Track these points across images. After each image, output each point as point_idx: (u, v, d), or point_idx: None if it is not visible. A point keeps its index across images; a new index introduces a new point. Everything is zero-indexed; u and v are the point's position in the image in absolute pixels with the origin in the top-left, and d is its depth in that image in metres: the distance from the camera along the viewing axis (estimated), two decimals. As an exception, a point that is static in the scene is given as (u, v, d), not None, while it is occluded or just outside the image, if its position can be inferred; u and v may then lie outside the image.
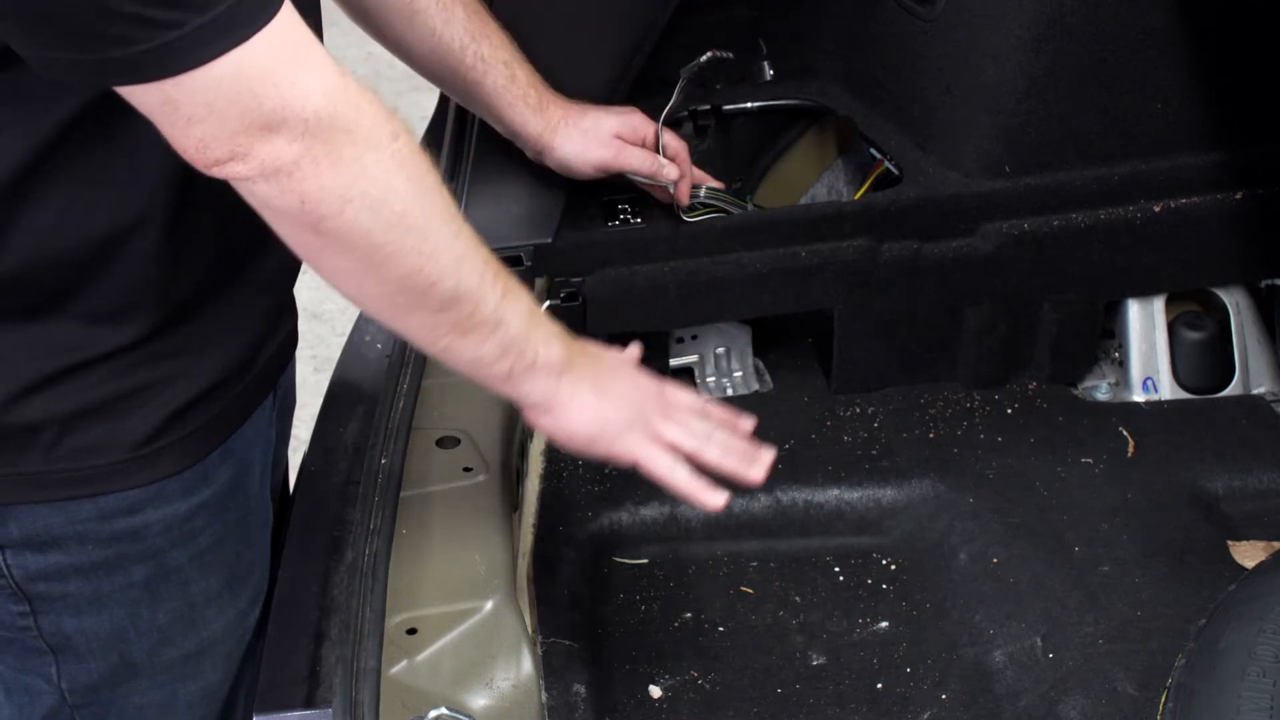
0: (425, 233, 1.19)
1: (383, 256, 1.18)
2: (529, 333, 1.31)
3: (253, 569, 1.49)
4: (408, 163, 1.18)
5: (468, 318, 1.25)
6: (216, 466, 1.38)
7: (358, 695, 1.28)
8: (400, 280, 1.20)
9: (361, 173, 1.14)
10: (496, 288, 1.27)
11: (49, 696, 1.41)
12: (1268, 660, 1.35)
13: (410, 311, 1.25)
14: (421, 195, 1.19)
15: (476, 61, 1.67)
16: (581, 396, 1.36)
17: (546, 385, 1.34)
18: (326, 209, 1.14)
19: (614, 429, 1.38)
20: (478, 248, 1.25)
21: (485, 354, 1.29)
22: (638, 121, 1.80)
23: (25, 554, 1.32)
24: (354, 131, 1.13)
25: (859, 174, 2.10)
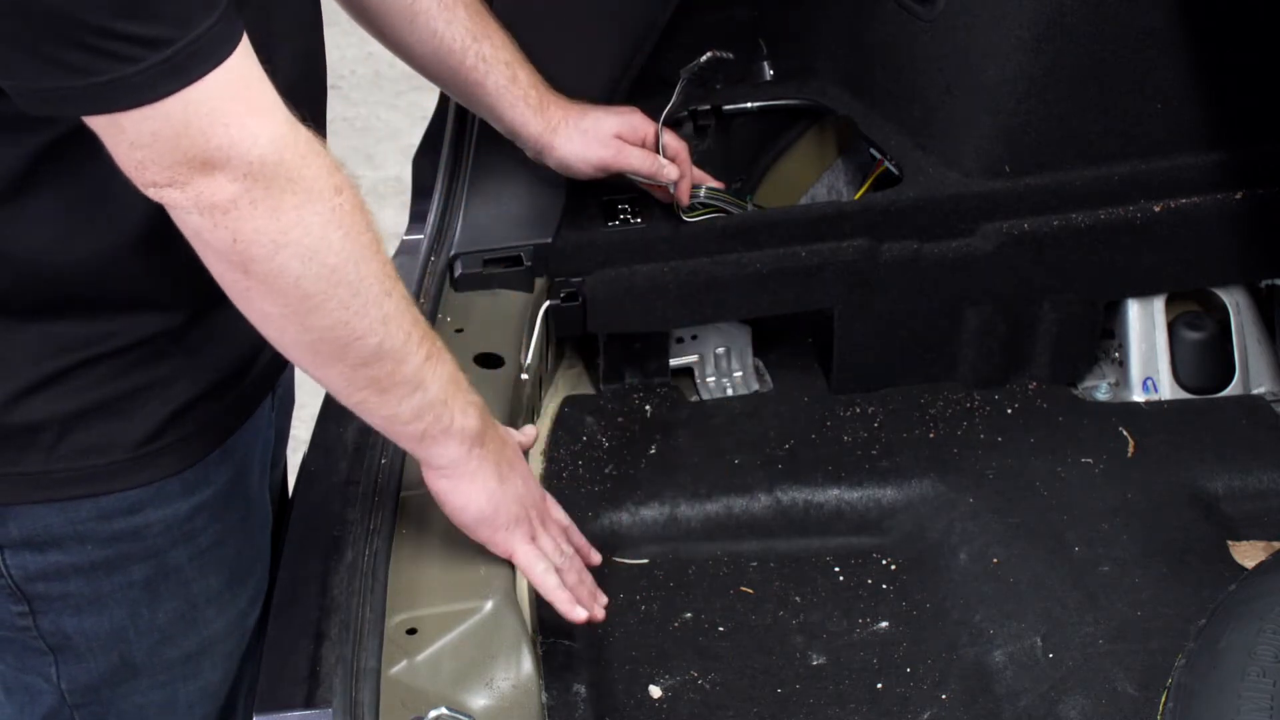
0: (355, 288, 1.19)
1: (310, 306, 1.18)
2: (448, 398, 1.31)
3: (253, 568, 1.49)
4: (347, 219, 1.18)
5: (388, 375, 1.26)
6: (216, 466, 1.39)
7: (358, 695, 1.28)
8: (324, 331, 1.20)
9: (298, 222, 1.14)
10: (421, 350, 1.27)
11: (49, 696, 1.41)
12: (1268, 660, 1.35)
13: (330, 363, 1.24)
14: (356, 252, 1.18)
15: (478, 62, 1.67)
16: (484, 475, 1.37)
17: (456, 452, 1.35)
18: (258, 251, 1.14)
19: (503, 518, 1.40)
20: (408, 309, 1.26)
21: (401, 413, 1.30)
22: (638, 121, 1.80)
23: (25, 554, 1.32)
24: (297, 181, 1.13)
25: (859, 174, 2.10)
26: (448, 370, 1.32)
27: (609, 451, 1.87)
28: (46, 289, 1.24)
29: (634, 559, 1.76)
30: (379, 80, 4.85)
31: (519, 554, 1.42)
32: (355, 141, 4.50)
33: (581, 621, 1.43)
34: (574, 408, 1.92)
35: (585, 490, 1.80)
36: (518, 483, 1.41)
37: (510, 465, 1.41)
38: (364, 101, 4.77)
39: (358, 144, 4.50)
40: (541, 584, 1.43)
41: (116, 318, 1.28)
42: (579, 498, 1.79)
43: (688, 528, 1.80)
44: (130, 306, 1.28)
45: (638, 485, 1.82)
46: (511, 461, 1.41)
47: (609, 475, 1.83)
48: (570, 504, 1.76)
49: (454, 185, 1.89)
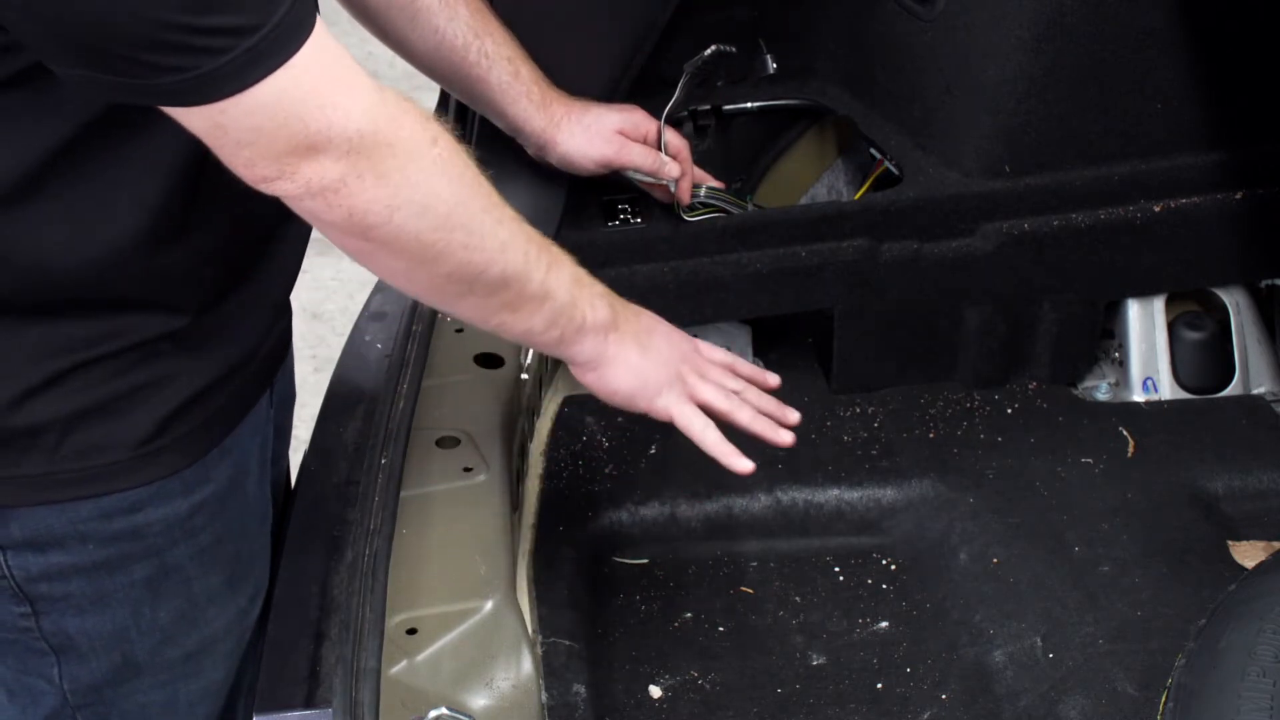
0: (470, 228, 1.24)
1: (432, 255, 1.23)
2: (575, 299, 1.36)
3: (253, 566, 1.49)
4: (449, 165, 1.22)
5: (517, 296, 1.31)
6: (216, 464, 1.38)
7: (358, 695, 1.28)
8: (450, 273, 1.26)
9: (405, 182, 1.18)
10: (541, 264, 1.32)
11: (51, 697, 1.41)
12: (1268, 660, 1.35)
13: (462, 297, 1.30)
14: (464, 193, 1.24)
15: (480, 58, 1.67)
16: (625, 355, 1.42)
17: (594, 345, 1.40)
18: (374, 219, 1.18)
19: (653, 386, 1.44)
20: (520, 230, 1.31)
21: (536, 325, 1.35)
22: (640, 119, 1.80)
23: (26, 555, 1.32)
24: (395, 144, 1.16)
25: (859, 174, 2.10)
26: (569, 274, 1.36)
27: (609, 451, 1.87)
28: (49, 291, 1.24)
29: (634, 559, 1.76)
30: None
31: (676, 415, 1.46)
32: (355, 141, 4.50)
33: (748, 471, 1.48)
34: (574, 408, 1.92)
35: (585, 490, 1.80)
36: (661, 347, 1.45)
37: (649, 333, 1.45)
38: (364, 101, 4.76)
39: (358, 144, 4.49)
40: (701, 440, 1.47)
41: (118, 319, 1.27)
42: (579, 498, 1.79)
43: (687, 527, 1.80)
44: (132, 307, 1.28)
45: (637, 485, 1.82)
46: (649, 329, 1.45)
47: (609, 475, 1.83)
48: (570, 504, 1.77)
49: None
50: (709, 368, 1.49)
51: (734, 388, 1.51)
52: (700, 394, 1.47)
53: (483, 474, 1.55)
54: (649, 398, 1.45)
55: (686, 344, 1.49)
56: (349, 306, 3.76)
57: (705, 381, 1.48)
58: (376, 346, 1.84)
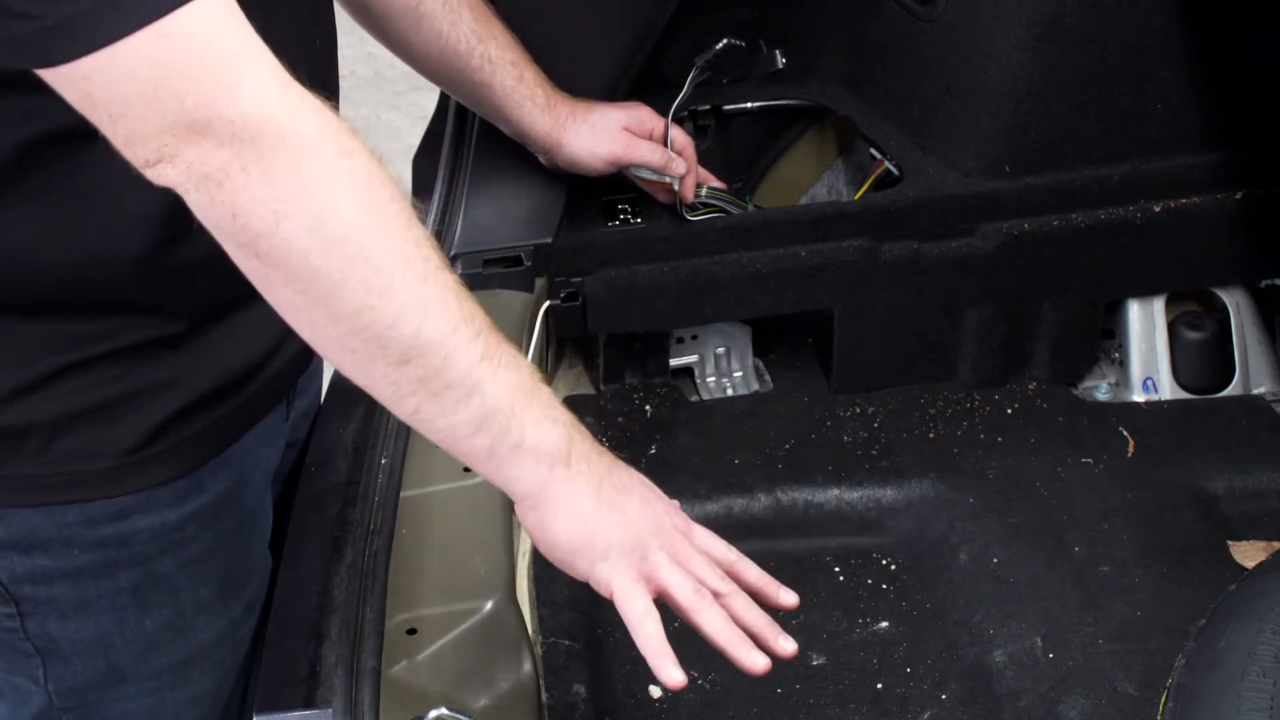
0: (377, 266, 1.07)
1: (327, 286, 1.07)
2: (516, 408, 1.15)
3: (247, 579, 1.48)
4: (359, 184, 1.07)
5: (435, 374, 1.11)
6: (211, 475, 1.37)
7: (358, 695, 1.28)
8: (352, 319, 1.09)
9: (298, 186, 1.04)
10: (475, 347, 1.12)
11: (37, 698, 1.40)
12: (1268, 660, 1.35)
13: (369, 361, 1.11)
14: (375, 225, 1.08)
15: (484, 62, 1.67)
16: (575, 499, 1.18)
17: (534, 475, 1.17)
18: (259, 224, 1.05)
19: (601, 547, 1.18)
20: (455, 300, 1.12)
21: (459, 423, 1.14)
22: (645, 115, 1.80)
23: (12, 556, 1.31)
24: (290, 139, 1.04)
25: (859, 174, 2.10)
26: (514, 377, 1.15)
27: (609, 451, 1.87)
28: (37, 290, 1.22)
29: (634, 559, 1.76)
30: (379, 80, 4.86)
31: (617, 590, 1.18)
32: (355, 141, 4.50)
33: (674, 685, 1.18)
34: (574, 407, 1.91)
35: (585, 490, 1.80)
36: (628, 507, 1.20)
37: (618, 488, 1.20)
38: (364, 101, 4.77)
39: (358, 144, 4.50)
40: (634, 630, 1.18)
41: (109, 321, 1.25)
42: (579, 498, 1.78)
43: (688, 528, 1.80)
44: (123, 310, 1.26)
45: (638, 485, 1.82)
46: (622, 486, 1.21)
47: (609, 475, 1.83)
48: (570, 504, 1.76)
49: (454, 185, 1.89)
50: (690, 554, 1.21)
51: (717, 588, 1.21)
52: (660, 577, 1.19)
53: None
54: (591, 560, 1.18)
55: (669, 518, 1.22)
56: (349, 306, 3.75)
57: (675, 566, 1.19)
58: (377, 346, 1.83)
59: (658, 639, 1.18)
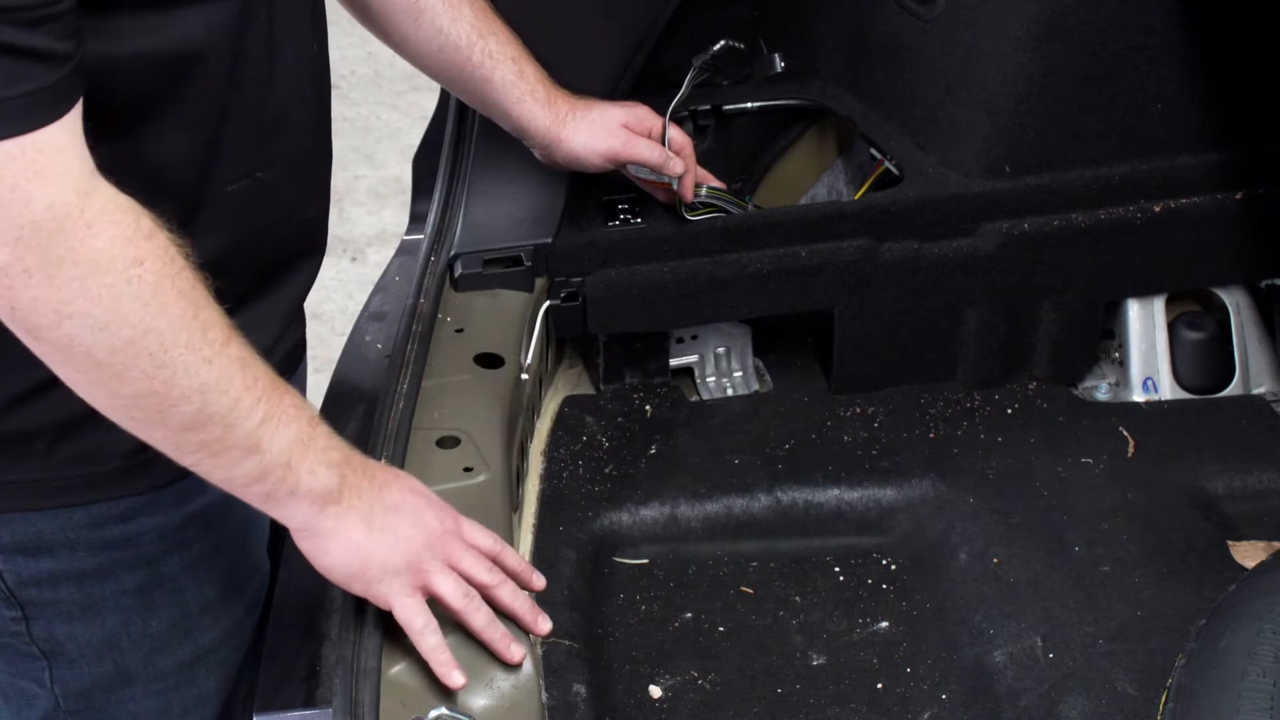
0: (160, 360, 1.12)
1: (109, 375, 1.12)
2: (292, 460, 1.22)
3: (250, 577, 1.48)
4: (146, 289, 1.10)
5: (217, 440, 1.18)
6: None
7: (358, 695, 1.28)
8: (133, 399, 1.14)
9: (82, 293, 1.08)
10: (256, 413, 1.18)
11: (44, 701, 1.40)
12: (1268, 660, 1.35)
13: (150, 428, 1.18)
14: (159, 322, 1.11)
15: (484, 58, 1.67)
16: (345, 531, 1.26)
17: (307, 515, 1.25)
18: (40, 320, 1.08)
19: (375, 571, 1.27)
20: (237, 373, 1.17)
21: (238, 476, 1.21)
22: (644, 114, 1.79)
23: (17, 559, 1.31)
24: (78, 251, 1.07)
25: (859, 174, 2.10)
26: (293, 430, 1.22)
27: (609, 451, 1.87)
28: None
29: (634, 559, 1.76)
30: (379, 80, 4.86)
31: (396, 608, 1.28)
32: (355, 141, 4.51)
33: (456, 686, 1.28)
34: (574, 408, 1.92)
35: (585, 490, 1.80)
36: (400, 527, 1.28)
37: (389, 510, 1.29)
38: (364, 101, 4.77)
39: (358, 144, 4.50)
40: (417, 643, 1.28)
41: None
42: (579, 498, 1.79)
43: (688, 528, 1.80)
44: None
45: (638, 485, 1.82)
46: (392, 506, 1.29)
47: (609, 475, 1.83)
48: (570, 504, 1.77)
49: (454, 185, 1.89)
50: (460, 553, 1.31)
51: (486, 581, 1.32)
52: (435, 586, 1.29)
53: (483, 474, 1.55)
54: (367, 582, 1.27)
55: (440, 524, 1.31)
56: (349, 306, 3.76)
57: (447, 573, 1.30)
58: (376, 346, 1.84)
59: (439, 648, 1.28)
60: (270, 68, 1.29)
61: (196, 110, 1.19)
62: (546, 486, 1.79)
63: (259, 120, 1.30)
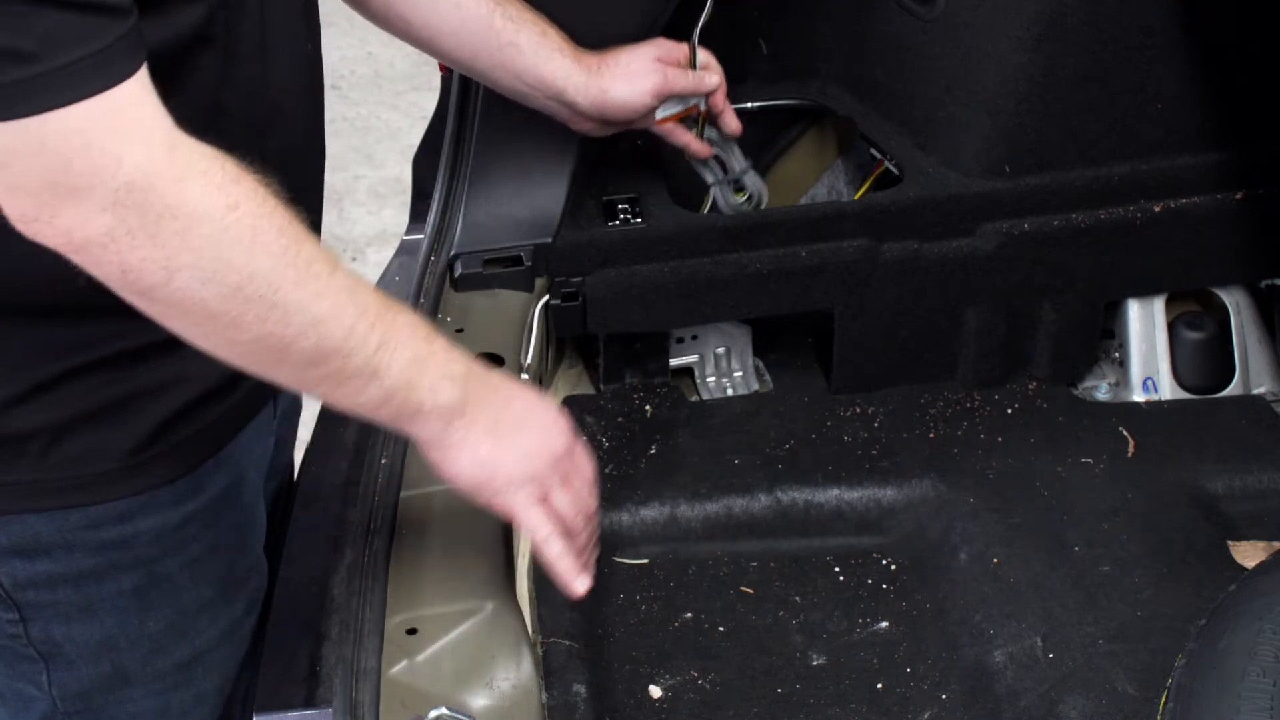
0: (271, 300, 1.13)
1: (225, 324, 1.13)
2: (412, 381, 1.24)
3: (247, 578, 1.48)
4: (246, 233, 1.11)
5: (338, 371, 1.19)
6: (210, 475, 1.37)
7: (358, 695, 1.28)
8: (250, 344, 1.15)
9: (185, 246, 1.08)
10: (371, 339, 1.19)
11: (42, 703, 1.40)
12: (1268, 660, 1.35)
13: (273, 368, 1.19)
14: (264, 263, 1.12)
15: (506, 23, 1.62)
16: (473, 443, 1.29)
17: (434, 430, 1.28)
18: (151, 279, 1.09)
19: (501, 480, 1.31)
20: (348, 302, 1.18)
21: (365, 402, 1.23)
22: (669, 46, 1.78)
23: (14, 562, 1.31)
24: (175, 207, 1.07)
25: (859, 174, 2.10)
26: (410, 351, 1.23)
27: (609, 451, 1.87)
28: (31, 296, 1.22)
29: (634, 559, 1.76)
30: (379, 80, 4.86)
31: (519, 517, 1.33)
32: (355, 141, 4.51)
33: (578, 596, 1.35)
34: (574, 407, 1.92)
35: (585, 490, 1.80)
36: (525, 440, 1.31)
37: (515, 424, 1.31)
38: (364, 101, 4.77)
39: (358, 144, 4.50)
40: (541, 551, 1.34)
41: (107, 324, 1.25)
42: (579, 498, 1.79)
43: (688, 528, 1.80)
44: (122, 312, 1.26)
45: (638, 485, 1.82)
46: (517, 420, 1.31)
47: (609, 475, 1.83)
48: (570, 504, 1.76)
49: (454, 185, 1.89)
50: (575, 477, 1.35)
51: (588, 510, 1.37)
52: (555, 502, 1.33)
53: (483, 474, 1.55)
54: (493, 491, 1.32)
55: (560, 443, 1.34)
56: (349, 306, 3.75)
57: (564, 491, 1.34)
58: (377, 346, 1.83)
59: (562, 555, 1.33)
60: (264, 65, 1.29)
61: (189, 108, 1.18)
62: (546, 486, 1.79)
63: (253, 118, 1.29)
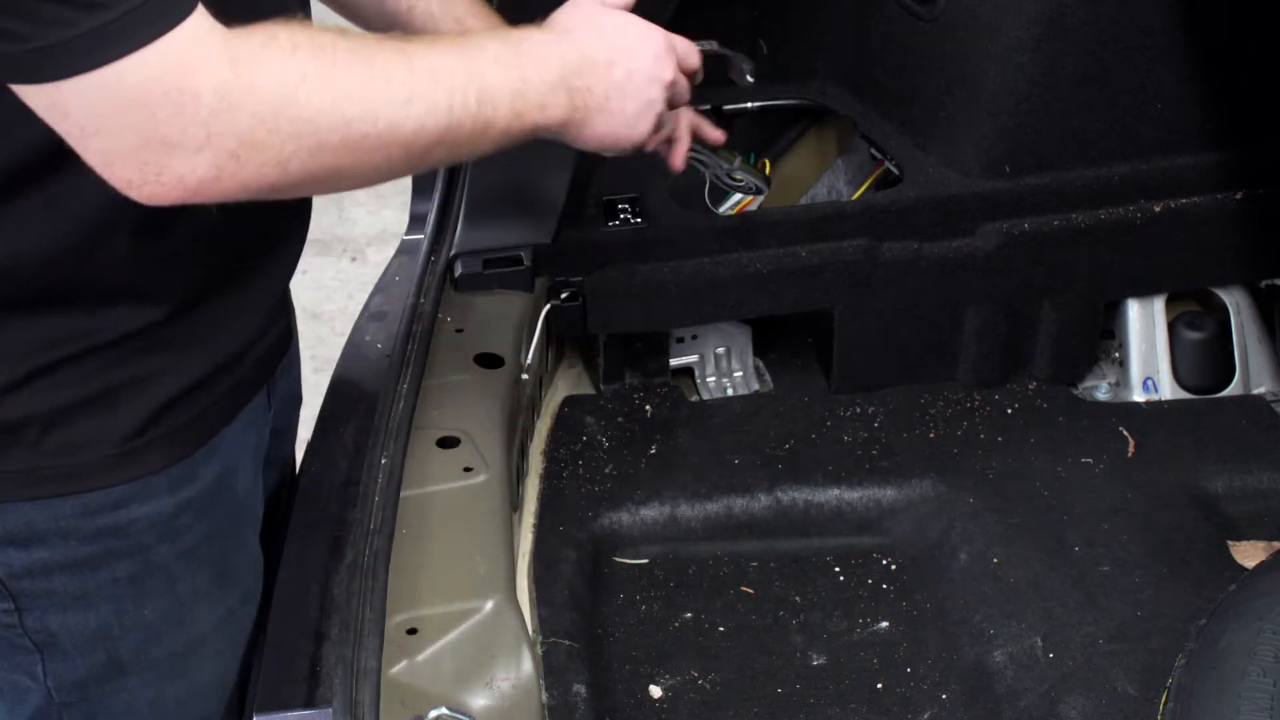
0: (377, 130, 1.17)
1: (348, 171, 1.18)
2: (521, 111, 1.31)
3: (243, 567, 1.48)
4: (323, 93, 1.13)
5: (460, 143, 1.26)
6: (203, 463, 1.37)
7: (358, 695, 1.28)
8: (381, 170, 1.21)
9: (283, 137, 1.11)
10: (469, 105, 1.25)
11: (36, 694, 1.40)
12: (1268, 660, 1.35)
13: (413, 169, 1.31)
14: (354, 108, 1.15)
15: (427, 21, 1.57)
16: (593, 126, 1.39)
17: (555, 130, 1.37)
18: (271, 178, 1.12)
19: (625, 138, 1.42)
20: (435, 88, 1.22)
21: (490, 149, 1.32)
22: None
23: (9, 550, 1.31)
24: (257, 109, 1.09)
25: (859, 174, 2.10)
26: (507, 92, 1.29)
27: (609, 451, 1.87)
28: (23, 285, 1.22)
29: (634, 559, 1.76)
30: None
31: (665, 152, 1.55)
32: (355, 141, 4.50)
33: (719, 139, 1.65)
34: (574, 408, 1.92)
35: (585, 490, 1.80)
36: (634, 93, 1.41)
37: (618, 88, 1.40)
38: (364, 101, 4.76)
39: (358, 144, 4.49)
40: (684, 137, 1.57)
41: (99, 311, 1.25)
42: (579, 498, 1.79)
43: (688, 528, 1.80)
44: (114, 299, 1.26)
45: (638, 485, 1.82)
46: (621, 83, 1.40)
47: (609, 475, 1.83)
48: (570, 504, 1.77)
49: (454, 185, 1.89)
50: (680, 81, 1.48)
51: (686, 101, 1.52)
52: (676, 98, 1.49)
53: (483, 474, 1.55)
54: (626, 143, 1.43)
55: (660, 63, 1.45)
56: (349, 306, 3.76)
57: (677, 88, 1.48)
58: (376, 346, 1.83)
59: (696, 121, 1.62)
60: None
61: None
62: (546, 486, 1.79)
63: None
